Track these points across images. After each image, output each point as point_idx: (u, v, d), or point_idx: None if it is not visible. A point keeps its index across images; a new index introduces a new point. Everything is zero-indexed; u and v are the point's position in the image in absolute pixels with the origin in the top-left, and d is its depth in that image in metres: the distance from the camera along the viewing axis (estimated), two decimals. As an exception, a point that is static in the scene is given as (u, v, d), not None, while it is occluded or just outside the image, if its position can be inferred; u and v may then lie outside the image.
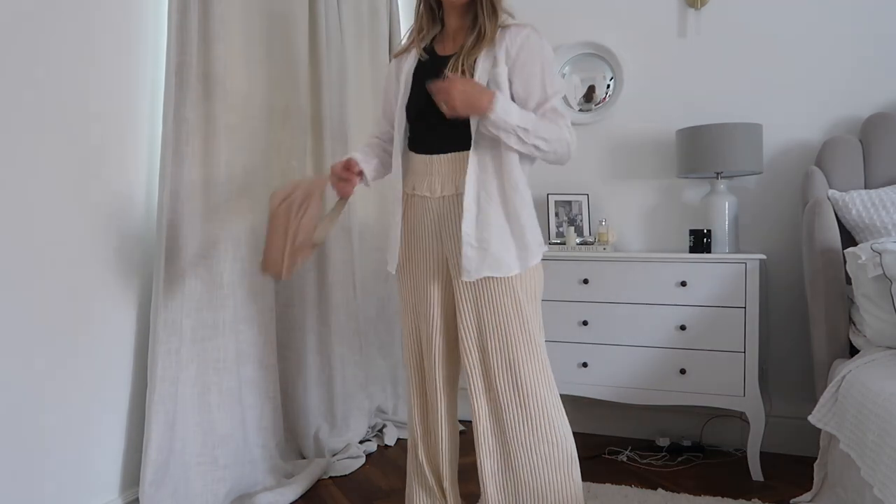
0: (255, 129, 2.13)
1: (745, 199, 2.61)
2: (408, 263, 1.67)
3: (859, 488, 1.58)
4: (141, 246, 1.84)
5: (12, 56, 1.49)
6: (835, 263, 2.07)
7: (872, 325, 1.87)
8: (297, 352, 2.33)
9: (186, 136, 1.81)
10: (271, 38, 2.23)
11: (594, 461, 2.44)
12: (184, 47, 1.80)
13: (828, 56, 2.51)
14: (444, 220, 1.59)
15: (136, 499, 1.80)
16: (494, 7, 1.54)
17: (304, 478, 2.12)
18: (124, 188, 1.78)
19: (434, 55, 1.62)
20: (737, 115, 2.60)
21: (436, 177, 1.59)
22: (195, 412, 1.89)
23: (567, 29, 2.83)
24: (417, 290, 1.66)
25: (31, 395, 1.55)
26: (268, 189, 2.17)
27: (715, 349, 2.28)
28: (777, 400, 2.58)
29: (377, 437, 2.68)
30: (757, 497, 2.08)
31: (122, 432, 1.79)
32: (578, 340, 2.44)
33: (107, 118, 1.73)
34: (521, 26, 1.55)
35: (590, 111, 2.82)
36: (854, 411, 1.59)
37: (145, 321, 1.85)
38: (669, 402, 2.34)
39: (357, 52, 2.77)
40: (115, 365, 1.77)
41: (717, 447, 2.58)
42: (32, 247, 1.54)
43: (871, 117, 2.33)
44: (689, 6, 2.67)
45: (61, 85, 1.60)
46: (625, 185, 2.79)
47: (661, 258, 2.34)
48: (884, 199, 2.13)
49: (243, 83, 2.10)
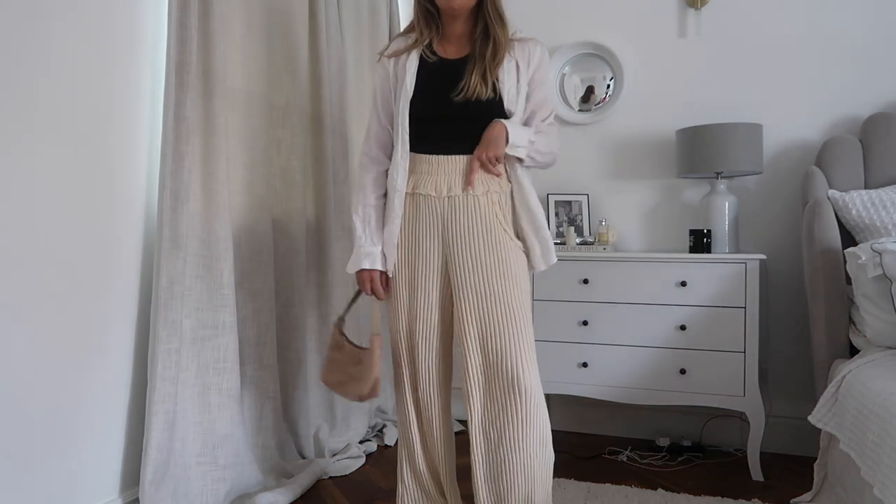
0: (255, 128, 2.13)
1: (745, 199, 2.61)
2: (405, 264, 1.65)
3: (859, 488, 1.58)
4: (141, 245, 1.84)
5: (11, 55, 1.48)
6: (835, 263, 2.07)
7: (872, 325, 1.87)
8: (297, 352, 2.33)
9: (186, 135, 1.80)
10: (271, 37, 2.23)
11: (594, 461, 2.43)
12: (184, 45, 1.80)
13: (828, 56, 2.51)
14: (451, 219, 1.60)
15: (136, 499, 1.80)
16: (500, 14, 1.61)
17: (303, 478, 2.12)
18: (124, 187, 1.78)
19: (438, 58, 1.63)
20: (737, 115, 2.60)
21: (443, 177, 1.60)
22: (195, 412, 1.88)
23: (567, 29, 2.83)
24: (415, 291, 1.64)
25: (31, 395, 1.54)
26: (268, 188, 2.17)
27: (715, 349, 2.28)
28: (777, 400, 2.58)
29: (377, 437, 2.68)
30: (757, 497, 2.08)
31: (122, 432, 1.79)
32: (578, 340, 2.44)
33: (106, 117, 1.72)
34: (535, 42, 1.66)
35: (589, 111, 2.82)
36: (854, 411, 1.59)
37: (145, 321, 1.85)
38: (669, 402, 2.34)
39: (357, 50, 2.77)
40: (115, 365, 1.76)
41: (717, 447, 2.58)
42: (32, 246, 1.54)
43: (871, 117, 2.33)
44: (689, 6, 2.67)
45: (60, 84, 1.60)
46: (625, 185, 2.79)
47: (661, 258, 2.35)
48: (884, 199, 2.13)
49: (243, 81, 2.09)
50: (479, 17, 1.62)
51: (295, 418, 2.34)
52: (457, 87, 1.57)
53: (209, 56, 1.88)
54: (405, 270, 1.65)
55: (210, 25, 1.87)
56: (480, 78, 1.56)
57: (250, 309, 2.10)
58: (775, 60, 2.57)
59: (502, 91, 1.58)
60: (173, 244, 1.79)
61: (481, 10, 1.61)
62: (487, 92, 1.56)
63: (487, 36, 1.60)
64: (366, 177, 1.69)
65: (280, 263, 2.28)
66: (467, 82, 1.56)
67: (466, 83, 1.56)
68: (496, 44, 1.58)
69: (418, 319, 1.64)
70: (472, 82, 1.56)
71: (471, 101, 1.56)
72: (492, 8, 1.59)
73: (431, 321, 1.64)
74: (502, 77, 1.59)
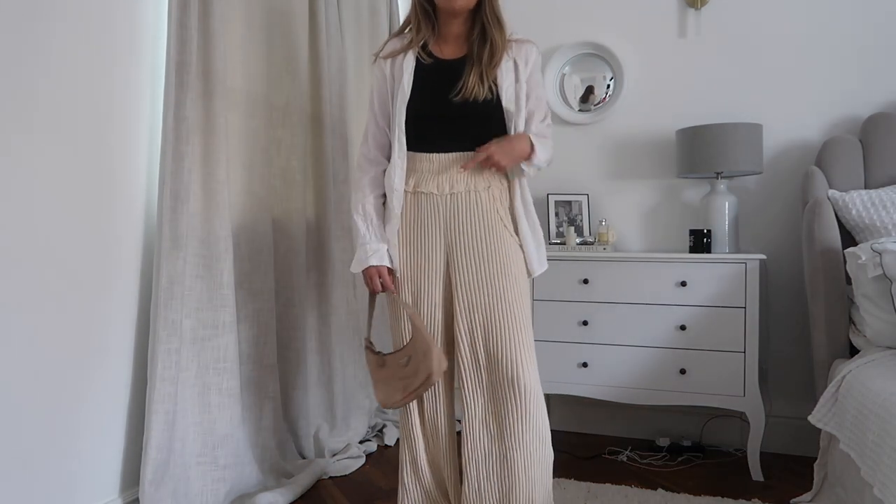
0: (255, 128, 2.13)
1: (745, 199, 2.61)
2: (407, 263, 1.65)
3: (859, 488, 1.58)
4: (141, 245, 1.84)
5: (11, 55, 1.48)
6: (835, 263, 2.07)
7: (872, 325, 1.87)
8: (297, 352, 2.33)
9: (186, 135, 1.80)
10: (271, 36, 2.23)
11: (594, 461, 2.44)
12: (184, 45, 1.80)
13: (828, 56, 2.51)
14: (454, 216, 1.61)
15: (135, 499, 1.80)
16: (497, 16, 1.62)
17: (303, 478, 2.12)
18: (124, 187, 1.78)
19: (435, 58, 1.64)
20: (737, 115, 2.60)
21: (444, 175, 1.61)
22: (195, 412, 1.88)
23: (567, 29, 2.83)
24: (418, 290, 1.64)
25: (31, 396, 1.54)
26: (268, 188, 2.17)
27: (715, 349, 2.28)
28: (777, 400, 2.58)
29: (377, 437, 2.68)
30: (757, 497, 2.08)
31: (122, 432, 1.79)
32: (578, 340, 2.44)
33: (106, 117, 1.72)
34: (531, 44, 1.68)
35: (589, 111, 2.82)
36: (854, 411, 1.59)
37: (145, 321, 1.85)
38: (669, 402, 2.34)
39: (357, 50, 2.77)
40: (115, 365, 1.76)
41: (717, 447, 2.58)
42: (32, 246, 1.54)
43: (871, 117, 2.33)
44: (689, 6, 2.67)
45: (60, 84, 1.60)
46: (625, 185, 2.79)
47: (661, 258, 2.34)
48: (884, 199, 2.13)
49: (243, 81, 2.09)
50: (477, 19, 1.63)
51: (295, 418, 2.34)
52: (454, 88, 1.58)
53: (209, 56, 1.88)
54: (407, 270, 1.65)
55: (210, 25, 1.87)
56: (478, 79, 1.58)
57: (250, 309, 2.10)
58: (775, 60, 2.57)
59: (500, 91, 1.60)
60: (173, 244, 1.79)
61: (479, 11, 1.62)
62: (485, 92, 1.58)
63: (484, 38, 1.61)
64: (363, 178, 1.70)
65: (280, 263, 2.28)
66: (465, 83, 1.58)
67: (464, 84, 1.58)
68: (493, 46, 1.60)
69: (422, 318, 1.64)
70: (470, 83, 1.57)
71: (468, 102, 1.57)
72: (490, 10, 1.60)
73: (435, 319, 1.64)
74: (500, 78, 1.60)
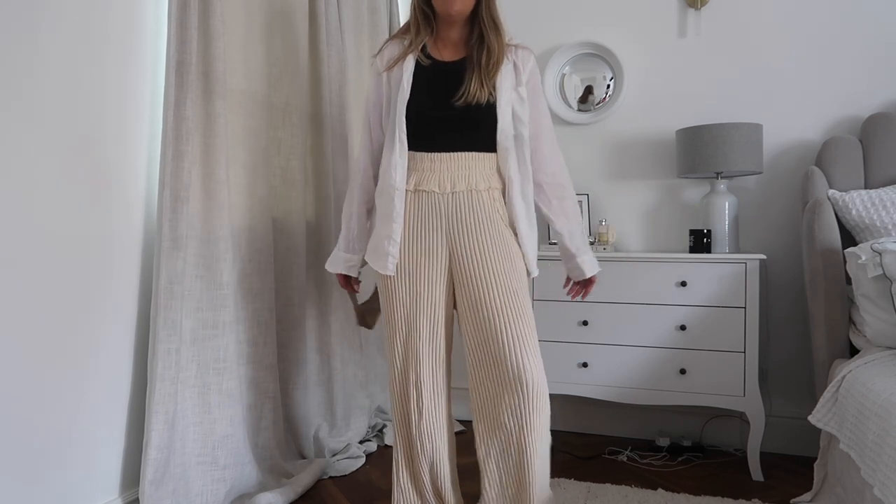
0: (255, 128, 2.13)
1: (745, 199, 2.61)
2: (408, 262, 1.65)
3: (859, 488, 1.58)
4: (141, 246, 1.84)
5: (10, 54, 1.48)
6: (835, 263, 2.07)
7: (872, 325, 1.87)
8: (297, 352, 2.33)
9: (186, 135, 1.80)
10: (271, 36, 2.23)
11: (594, 461, 2.44)
12: (184, 45, 1.80)
13: (828, 56, 2.51)
14: (456, 215, 1.61)
15: (135, 499, 1.80)
16: (495, 21, 1.63)
17: (303, 478, 2.12)
18: (124, 187, 1.78)
19: (434, 60, 1.65)
20: (737, 115, 2.60)
21: (445, 173, 1.61)
22: (195, 412, 1.88)
23: (567, 29, 2.83)
24: (418, 289, 1.64)
25: (31, 395, 1.54)
26: (268, 188, 2.17)
27: (715, 349, 2.28)
28: (777, 400, 2.58)
29: (377, 437, 2.68)
30: (757, 497, 2.08)
31: (122, 432, 1.79)
32: (578, 340, 2.44)
33: (106, 117, 1.72)
34: (529, 51, 1.70)
35: (589, 111, 2.82)
36: (854, 411, 1.59)
37: (145, 321, 1.85)
38: (669, 402, 2.34)
39: (357, 50, 2.77)
40: (115, 365, 1.76)
41: (717, 447, 2.58)
42: (32, 246, 1.54)
43: (871, 117, 2.33)
44: (689, 6, 2.67)
45: (60, 83, 1.60)
46: (625, 185, 2.79)
47: (661, 258, 2.34)
48: (884, 199, 2.13)
49: (243, 81, 2.09)
50: (475, 24, 1.64)
51: (295, 418, 2.34)
52: (454, 90, 1.60)
53: (209, 56, 1.88)
54: (407, 269, 1.65)
55: (210, 25, 1.87)
56: (479, 84, 1.60)
57: (250, 309, 2.10)
58: (775, 60, 2.57)
59: (500, 95, 1.61)
60: (173, 244, 1.79)
61: (477, 16, 1.63)
62: (486, 96, 1.59)
63: (482, 42, 1.62)
64: (352, 182, 1.79)
65: (280, 263, 2.28)
66: (467, 87, 1.59)
67: (466, 88, 1.59)
68: (490, 50, 1.61)
69: (422, 318, 1.64)
70: (472, 88, 1.59)
71: (471, 106, 1.59)
72: (487, 15, 1.61)
73: (436, 318, 1.64)
74: (499, 82, 1.61)
